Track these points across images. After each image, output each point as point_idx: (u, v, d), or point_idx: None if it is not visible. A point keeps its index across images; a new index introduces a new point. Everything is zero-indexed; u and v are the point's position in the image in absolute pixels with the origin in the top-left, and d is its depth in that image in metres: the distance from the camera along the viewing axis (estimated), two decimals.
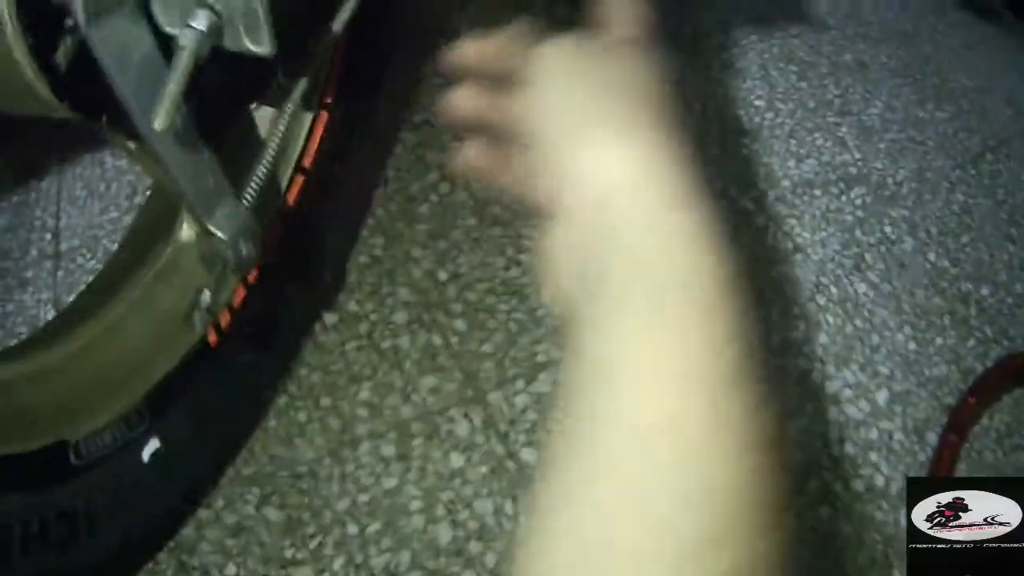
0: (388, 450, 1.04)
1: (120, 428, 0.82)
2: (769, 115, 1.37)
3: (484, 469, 1.03)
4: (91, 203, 1.29)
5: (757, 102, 1.39)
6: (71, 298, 1.17)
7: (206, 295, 0.50)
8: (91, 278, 1.15)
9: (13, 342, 1.11)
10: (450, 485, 1.02)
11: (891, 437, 1.08)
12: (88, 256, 1.24)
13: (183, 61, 0.52)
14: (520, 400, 1.07)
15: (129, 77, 0.55)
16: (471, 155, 0.54)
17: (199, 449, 0.94)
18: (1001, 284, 1.22)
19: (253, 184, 0.69)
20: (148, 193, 1.05)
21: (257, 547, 0.98)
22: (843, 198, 1.28)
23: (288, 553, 0.97)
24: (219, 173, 0.64)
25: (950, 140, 1.36)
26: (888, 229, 1.25)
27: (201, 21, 0.53)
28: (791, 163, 1.32)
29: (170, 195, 0.85)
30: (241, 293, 0.90)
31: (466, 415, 1.06)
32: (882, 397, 1.10)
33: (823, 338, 1.14)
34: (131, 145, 0.76)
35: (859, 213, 1.27)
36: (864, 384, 1.11)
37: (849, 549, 0.99)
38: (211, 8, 0.53)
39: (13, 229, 1.28)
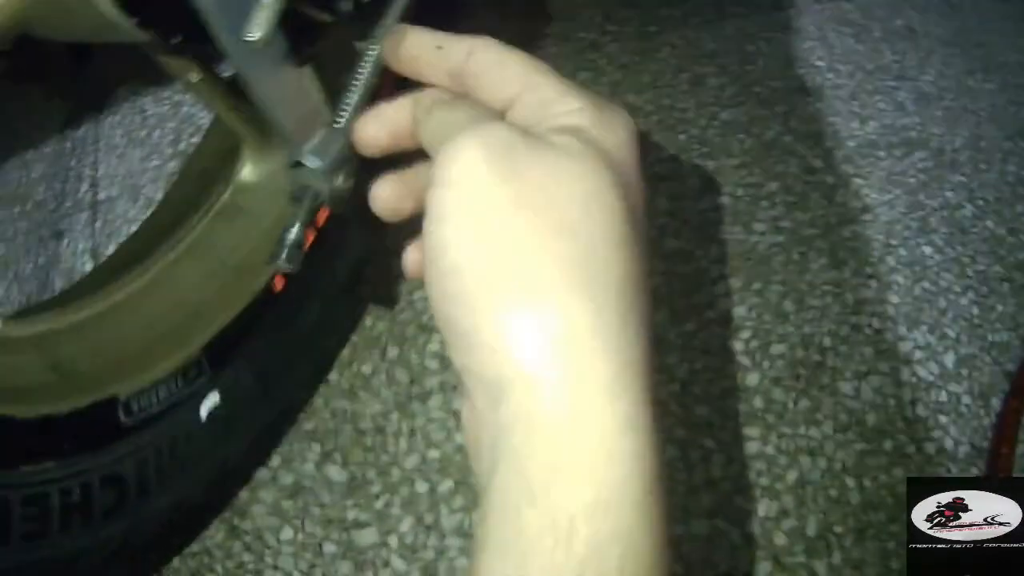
0: (460, 404, 0.99)
1: (176, 382, 0.77)
2: (830, 76, 1.37)
3: None
4: (131, 151, 1.25)
5: (818, 63, 1.38)
6: (110, 248, 1.13)
7: (295, 230, 0.45)
8: (133, 227, 1.13)
9: (48, 295, 1.08)
10: None
11: (959, 400, 1.08)
12: (128, 205, 1.20)
13: None
14: None
15: None
16: (409, 259, 0.46)
17: (260, 404, 0.89)
18: None
19: (344, 111, 0.64)
20: (204, 133, 0.99)
21: (316, 508, 0.95)
22: (906, 161, 1.28)
23: (351, 514, 0.95)
24: (316, 96, 0.58)
25: (1000, 112, 1.37)
26: (950, 194, 1.26)
27: None
28: (854, 124, 1.32)
29: (234, 130, 0.81)
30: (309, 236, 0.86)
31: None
32: (950, 360, 1.10)
33: (894, 298, 1.14)
34: (195, 77, 0.72)
35: (922, 177, 1.27)
36: (933, 346, 1.11)
37: None
38: None
39: (48, 179, 1.24)
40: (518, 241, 0.33)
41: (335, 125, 0.58)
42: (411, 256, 0.46)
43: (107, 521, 0.70)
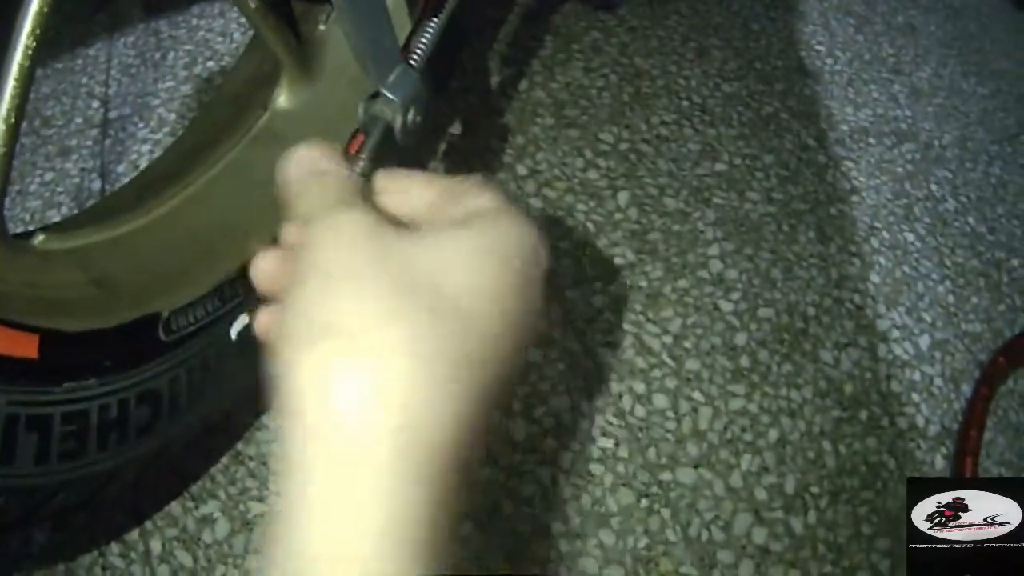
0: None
1: (214, 302, 0.76)
2: (829, 61, 1.39)
3: (561, 366, 1.02)
4: (144, 71, 1.23)
5: (818, 47, 1.41)
6: (120, 167, 1.12)
7: (364, 160, 0.47)
8: (144, 147, 1.13)
9: (53, 211, 1.07)
10: (527, 379, 1.00)
11: (931, 382, 1.11)
12: (140, 125, 1.18)
13: None
14: (598, 300, 1.07)
15: None
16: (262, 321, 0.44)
17: None
18: None
19: (420, 48, 0.65)
20: (239, 57, 0.99)
21: None
22: (895, 151, 1.31)
23: None
24: (393, 32, 0.59)
25: (989, 116, 1.41)
26: (934, 187, 1.29)
27: None
28: (848, 109, 1.34)
29: (276, 55, 0.81)
30: None
31: (545, 309, 1.02)
32: (924, 342, 1.13)
33: (875, 278, 1.17)
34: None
35: (909, 167, 1.30)
36: (910, 327, 1.14)
37: (891, 483, 1.02)
38: None
39: (57, 96, 1.22)
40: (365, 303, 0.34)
41: (411, 62, 0.60)
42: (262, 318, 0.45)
43: (140, 439, 0.69)
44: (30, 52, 0.56)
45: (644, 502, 0.95)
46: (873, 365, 1.10)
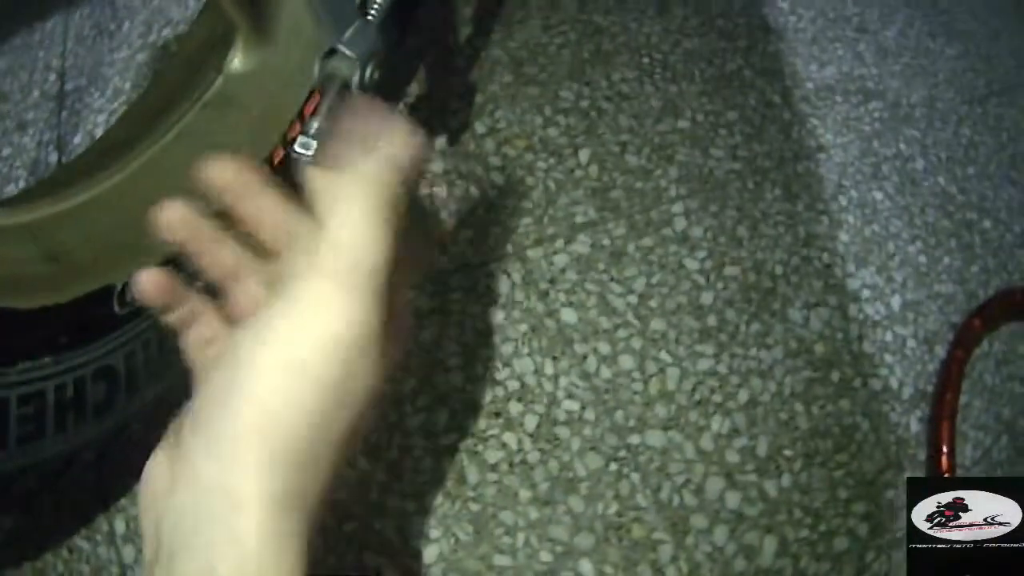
0: (426, 303, 0.98)
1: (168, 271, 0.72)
2: (792, 18, 1.36)
3: (523, 327, 0.98)
4: (100, 41, 1.20)
5: (781, 3, 1.38)
6: (76, 139, 1.10)
7: (320, 119, 0.44)
8: (100, 117, 1.10)
9: (11, 187, 1.05)
10: (489, 342, 0.96)
11: (904, 343, 1.08)
12: (96, 95, 1.14)
13: None
14: (560, 259, 1.03)
15: None
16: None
17: None
18: (1002, 221, 1.24)
19: (378, 2, 0.63)
20: (192, 20, 0.95)
21: None
22: (861, 109, 1.28)
23: None
24: None
25: (958, 77, 1.38)
26: (903, 146, 1.26)
27: None
28: (813, 67, 1.31)
29: (229, 17, 0.78)
30: (297, 127, 0.83)
31: (505, 271, 1.00)
32: (896, 303, 1.10)
33: (844, 237, 1.14)
34: None
35: (876, 126, 1.27)
36: (880, 287, 1.11)
37: (866, 445, 0.99)
38: None
39: (13, 72, 1.18)
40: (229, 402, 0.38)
41: (369, 16, 0.58)
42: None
43: (98, 418, 0.66)
44: None
45: (613, 466, 0.91)
46: (844, 325, 1.07)
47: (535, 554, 0.87)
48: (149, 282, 0.45)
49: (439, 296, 0.98)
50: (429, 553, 0.86)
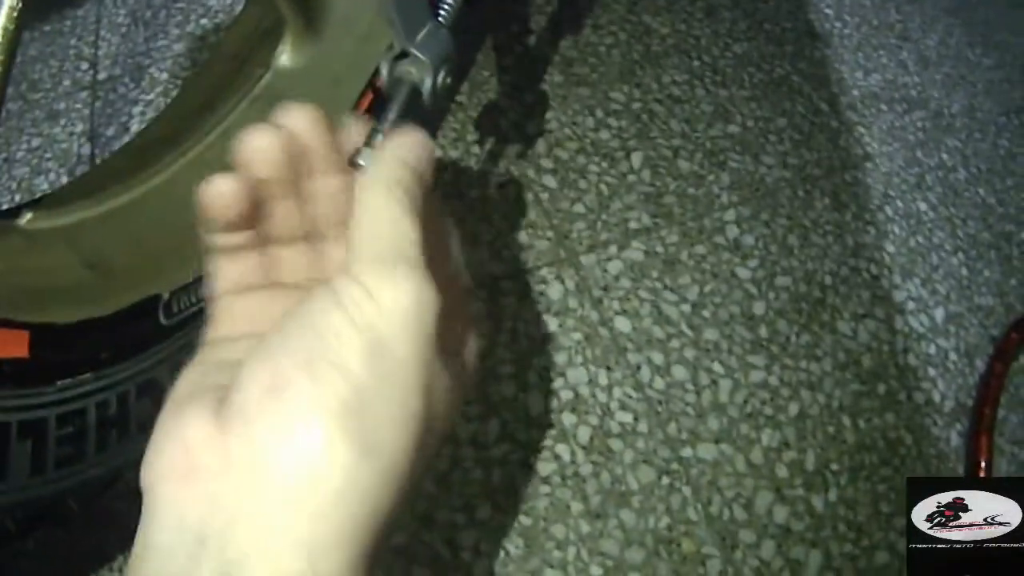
0: (477, 308, 0.97)
1: None
2: (837, 24, 1.36)
3: (577, 336, 0.97)
4: (135, 31, 1.18)
5: (826, 10, 1.37)
6: (110, 131, 1.07)
7: (387, 126, 0.42)
8: (135, 108, 1.08)
9: (40, 179, 1.02)
10: (543, 350, 0.96)
11: (947, 356, 1.08)
12: (131, 86, 1.13)
13: None
14: (613, 266, 1.03)
15: None
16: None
17: None
18: None
19: (449, 3, 0.60)
20: (238, 14, 0.92)
21: None
22: (906, 118, 1.28)
23: None
24: None
25: (995, 87, 1.38)
26: (945, 156, 1.26)
27: None
28: (859, 74, 1.31)
29: (280, 11, 0.76)
30: None
31: (559, 276, 1.00)
32: (939, 315, 1.10)
33: (890, 247, 1.14)
34: None
35: (920, 135, 1.27)
36: (925, 299, 1.11)
37: (909, 459, 0.99)
38: None
39: (44, 59, 1.17)
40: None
41: (440, 18, 0.56)
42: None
43: (143, 435, 0.63)
44: (15, 15, 0.50)
45: (665, 479, 0.91)
46: (890, 337, 1.06)
47: (585, 568, 0.86)
48: (226, 189, 0.39)
49: (491, 302, 0.97)
50: (479, 567, 0.85)
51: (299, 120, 0.42)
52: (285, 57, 0.81)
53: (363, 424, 0.31)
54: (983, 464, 1.01)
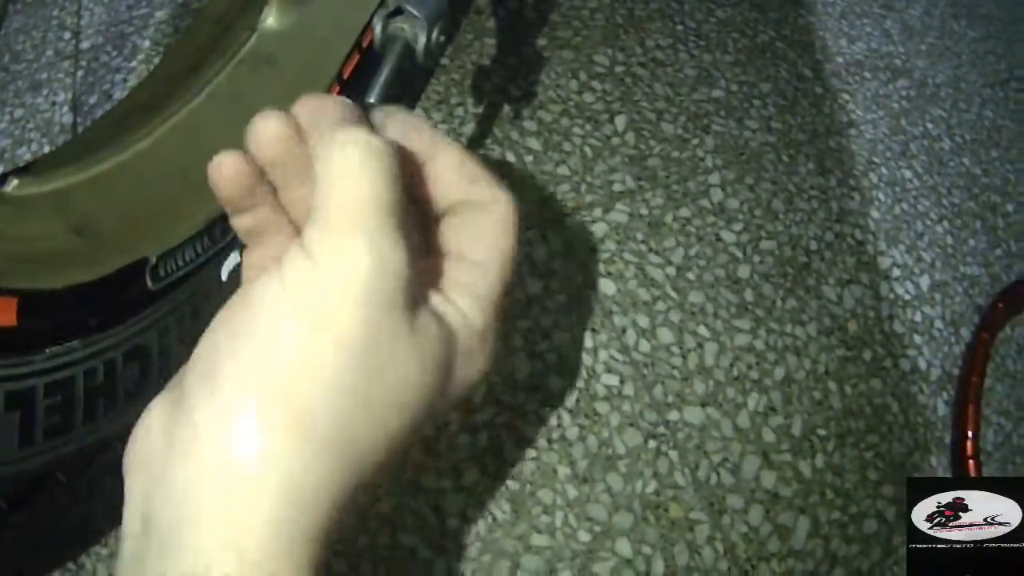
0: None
1: (203, 241, 0.69)
2: None
3: (562, 298, 0.96)
4: (117, 0, 1.13)
5: None
6: (92, 99, 1.06)
7: (380, 84, 0.40)
8: (118, 76, 1.07)
9: (23, 149, 1.01)
10: (528, 313, 0.94)
11: (932, 324, 1.07)
12: (114, 54, 1.11)
13: None
14: (598, 228, 1.01)
15: None
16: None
17: None
18: None
19: None
20: None
21: None
22: (890, 86, 1.27)
23: None
24: None
25: (980, 59, 1.37)
26: (930, 125, 1.25)
27: None
28: (843, 41, 1.30)
29: None
30: (336, 88, 0.79)
31: (543, 238, 0.98)
32: (925, 283, 1.10)
33: (875, 214, 1.13)
34: None
35: (904, 104, 1.26)
36: (910, 266, 1.10)
37: (896, 427, 0.98)
38: None
39: (26, 30, 1.15)
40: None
41: None
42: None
43: (130, 403, 0.61)
44: None
45: (652, 443, 0.90)
46: (875, 304, 1.05)
47: (573, 533, 0.85)
48: (229, 166, 0.37)
49: None
50: (466, 533, 0.84)
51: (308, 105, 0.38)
52: (271, 19, 0.79)
53: (296, 407, 0.30)
54: (970, 434, 1.00)
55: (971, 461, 0.99)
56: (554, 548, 0.84)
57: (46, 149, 1.04)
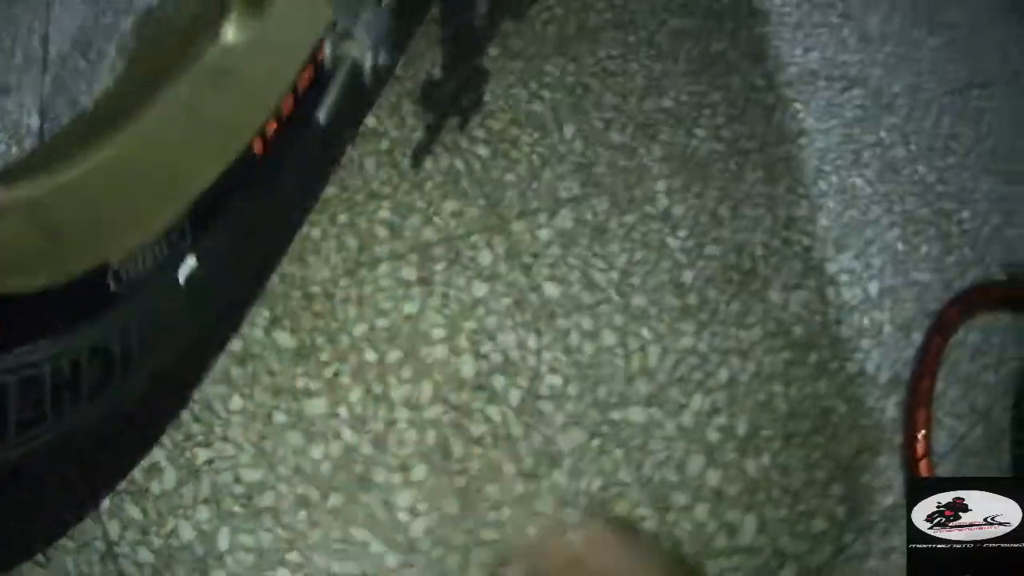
0: (409, 273, 0.97)
1: (161, 246, 0.70)
2: (777, 2, 1.36)
3: (507, 301, 0.97)
4: (85, 7, 1.19)
5: None
6: (58, 103, 1.08)
7: (331, 100, 0.43)
8: (84, 83, 1.09)
9: None
10: (473, 314, 0.96)
11: (881, 328, 1.09)
12: (82, 60, 1.12)
13: None
14: (543, 234, 1.03)
15: None
16: None
17: (234, 268, 0.84)
18: (980, 212, 1.25)
19: None
20: None
21: (266, 376, 0.89)
22: (844, 95, 1.28)
23: (300, 383, 0.89)
24: None
25: (940, 67, 1.39)
26: (884, 134, 1.26)
27: None
28: (797, 51, 1.31)
29: None
30: (290, 100, 0.80)
31: (489, 243, 1.00)
32: (873, 288, 1.11)
33: (824, 221, 1.14)
34: None
35: (858, 113, 1.27)
36: (858, 272, 1.11)
37: (842, 428, 1.00)
38: None
39: None
40: None
41: (382, 3, 0.58)
42: None
43: (93, 400, 0.64)
44: None
45: (596, 442, 0.91)
46: (822, 308, 1.07)
47: (521, 529, 0.86)
48: None
49: (422, 267, 0.97)
50: (416, 527, 0.85)
51: None
52: (231, 32, 0.80)
53: None
54: (920, 436, 1.01)
55: (922, 461, 1.00)
56: (503, 542, 0.86)
57: (14, 151, 1.06)
